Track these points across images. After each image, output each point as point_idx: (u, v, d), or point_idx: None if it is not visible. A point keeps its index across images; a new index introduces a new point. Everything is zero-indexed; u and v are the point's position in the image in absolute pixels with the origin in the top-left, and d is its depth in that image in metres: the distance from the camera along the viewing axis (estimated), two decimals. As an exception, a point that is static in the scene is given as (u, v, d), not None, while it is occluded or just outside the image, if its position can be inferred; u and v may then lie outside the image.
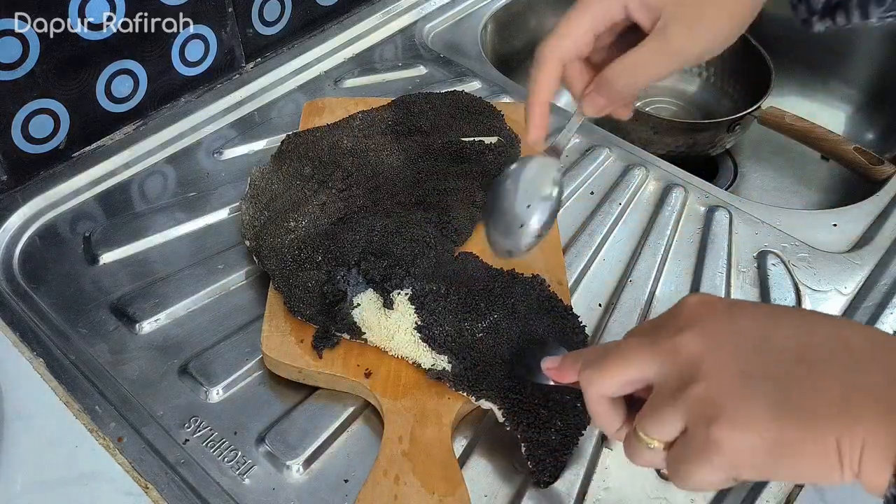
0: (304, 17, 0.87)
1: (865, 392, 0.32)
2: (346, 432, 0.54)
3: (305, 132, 0.72)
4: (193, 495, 0.50)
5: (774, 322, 0.36)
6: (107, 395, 0.55)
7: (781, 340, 0.34)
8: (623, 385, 0.38)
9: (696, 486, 0.36)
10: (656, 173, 0.74)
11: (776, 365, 0.34)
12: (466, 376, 0.52)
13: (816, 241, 0.68)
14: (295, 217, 0.62)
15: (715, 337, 0.36)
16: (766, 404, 0.33)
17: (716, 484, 0.35)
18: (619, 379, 0.38)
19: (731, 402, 0.33)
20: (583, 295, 0.63)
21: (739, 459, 0.33)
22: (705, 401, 0.34)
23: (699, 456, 0.34)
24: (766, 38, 0.95)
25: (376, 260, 0.57)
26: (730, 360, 0.34)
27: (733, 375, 0.34)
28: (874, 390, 0.32)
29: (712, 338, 0.36)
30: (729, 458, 0.33)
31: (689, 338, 0.36)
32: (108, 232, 0.67)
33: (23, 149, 0.68)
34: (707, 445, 0.34)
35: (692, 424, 0.35)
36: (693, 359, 0.35)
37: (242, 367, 0.57)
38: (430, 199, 0.64)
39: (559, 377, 0.44)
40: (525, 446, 0.50)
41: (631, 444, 0.38)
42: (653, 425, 0.36)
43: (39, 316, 0.61)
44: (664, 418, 0.36)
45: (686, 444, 0.35)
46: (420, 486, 0.48)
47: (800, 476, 0.33)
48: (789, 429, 0.32)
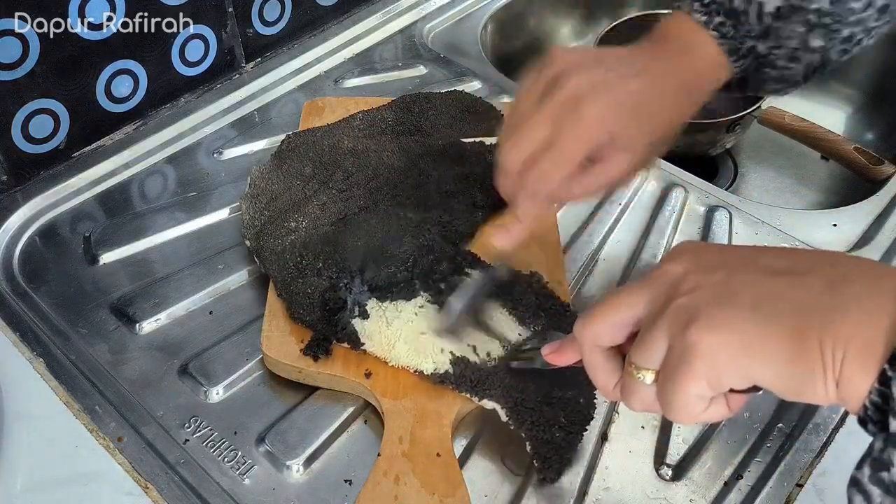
0: (304, 17, 0.87)
1: (850, 296, 0.31)
2: (346, 432, 0.54)
3: (305, 132, 0.72)
4: (193, 495, 0.50)
5: (761, 250, 0.36)
6: (107, 395, 0.55)
7: (767, 261, 0.35)
8: (614, 327, 0.38)
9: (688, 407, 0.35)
10: (656, 173, 0.74)
11: (760, 277, 0.34)
12: (468, 377, 0.52)
13: (816, 241, 0.68)
14: (295, 217, 0.62)
15: (699, 261, 0.36)
16: (744, 306, 0.33)
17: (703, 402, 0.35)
18: (610, 320, 0.38)
19: (708, 306, 0.33)
20: (583, 295, 0.63)
21: (717, 361, 0.33)
22: (685, 309, 0.34)
23: (679, 366, 0.34)
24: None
25: (377, 267, 0.57)
26: (712, 275, 0.34)
27: (714, 285, 0.34)
28: (858, 294, 0.31)
29: (696, 262, 0.36)
30: (704, 358, 0.33)
31: (673, 264, 0.36)
32: (108, 232, 0.67)
33: (23, 149, 0.68)
34: (685, 351, 0.33)
35: (672, 337, 0.34)
36: (676, 279, 0.35)
37: (242, 367, 0.57)
38: (430, 200, 0.64)
39: (560, 359, 0.43)
40: (530, 444, 0.50)
41: (625, 384, 0.38)
42: (638, 351, 0.36)
43: (39, 316, 0.61)
44: (649, 341, 0.35)
45: (668, 360, 0.35)
46: (420, 486, 0.48)
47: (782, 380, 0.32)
48: (767, 326, 0.32)
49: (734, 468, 0.52)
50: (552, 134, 0.45)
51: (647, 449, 0.53)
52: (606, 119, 0.45)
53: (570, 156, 0.45)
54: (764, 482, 0.51)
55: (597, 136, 0.45)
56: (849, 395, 0.31)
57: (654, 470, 0.52)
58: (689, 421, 0.36)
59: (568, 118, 0.45)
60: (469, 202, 0.64)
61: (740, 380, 0.33)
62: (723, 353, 0.32)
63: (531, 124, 0.46)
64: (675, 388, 0.34)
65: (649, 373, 0.36)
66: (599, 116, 0.44)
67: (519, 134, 0.46)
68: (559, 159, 0.45)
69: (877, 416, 0.30)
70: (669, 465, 0.52)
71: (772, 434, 0.54)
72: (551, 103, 0.45)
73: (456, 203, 0.64)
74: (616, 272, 0.65)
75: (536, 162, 0.46)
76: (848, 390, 0.31)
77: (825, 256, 0.34)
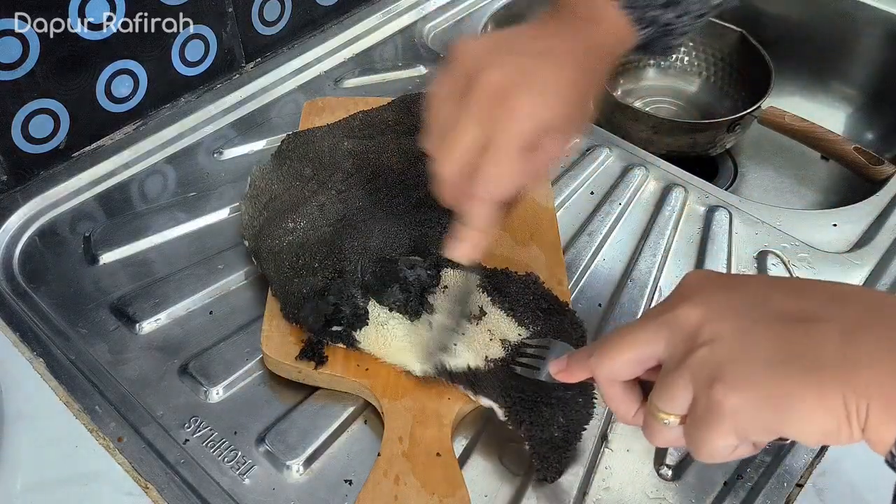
0: (304, 17, 0.87)
1: (867, 346, 0.32)
2: (346, 432, 0.54)
3: (305, 132, 0.72)
4: (193, 495, 0.50)
5: (771, 288, 0.36)
6: (107, 395, 0.55)
7: (779, 303, 0.35)
8: (632, 365, 0.38)
9: (715, 455, 0.35)
10: (656, 173, 0.74)
11: (774, 325, 0.34)
12: (465, 375, 0.52)
13: (816, 241, 0.68)
14: (293, 218, 0.62)
15: (714, 304, 0.36)
16: (764, 361, 0.33)
17: (731, 449, 0.35)
18: (626, 358, 0.38)
19: (730, 362, 0.34)
20: (583, 295, 0.63)
21: (742, 418, 0.33)
22: (707, 364, 0.34)
23: (706, 420, 0.34)
24: (766, 38, 0.95)
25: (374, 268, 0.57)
26: (729, 324, 0.35)
27: (733, 337, 0.34)
28: (876, 344, 0.32)
29: (712, 306, 0.36)
30: (731, 417, 0.33)
31: (690, 308, 0.36)
32: (108, 232, 0.67)
33: (23, 149, 0.68)
34: (710, 408, 0.34)
35: (697, 390, 0.35)
36: (694, 327, 0.36)
37: (242, 367, 0.57)
38: (429, 201, 0.64)
39: (569, 377, 0.43)
40: (529, 444, 0.50)
41: (648, 423, 0.38)
42: (663, 398, 0.36)
43: (39, 316, 0.61)
44: (672, 389, 0.36)
45: (694, 411, 0.35)
46: (420, 486, 0.48)
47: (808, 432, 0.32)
48: (788, 382, 0.32)
49: (734, 468, 0.52)
50: (485, 135, 0.44)
51: (647, 449, 0.53)
52: (536, 108, 0.44)
53: (512, 154, 0.44)
54: (764, 482, 0.51)
55: (530, 127, 0.44)
56: (874, 441, 0.31)
57: (654, 470, 0.52)
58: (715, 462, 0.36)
59: (498, 116, 0.43)
60: None
61: (766, 434, 0.34)
62: (748, 411, 0.33)
63: (460, 128, 0.44)
64: (704, 440, 0.35)
65: (673, 417, 0.37)
66: (528, 108, 0.43)
67: (450, 141, 0.45)
68: (502, 160, 0.44)
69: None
70: (669, 466, 0.52)
71: (772, 434, 0.54)
72: (475, 103, 0.44)
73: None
74: (616, 272, 0.65)
75: (479, 167, 0.44)
76: (873, 437, 0.31)
77: (835, 295, 0.35)
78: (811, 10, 0.99)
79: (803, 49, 1.00)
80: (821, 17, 0.98)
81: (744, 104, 0.96)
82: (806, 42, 1.00)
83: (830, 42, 0.99)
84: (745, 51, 0.96)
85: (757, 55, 0.93)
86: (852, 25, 0.96)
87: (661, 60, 1.04)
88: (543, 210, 0.67)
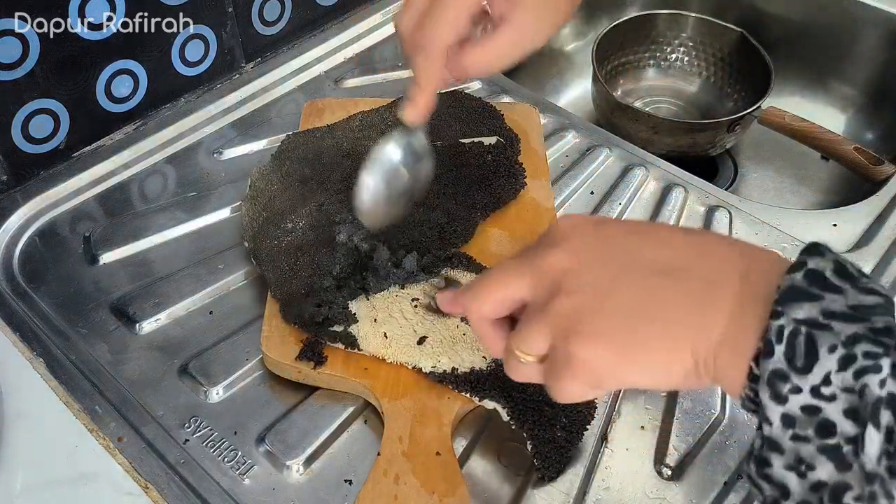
0: (304, 17, 0.87)
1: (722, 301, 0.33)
2: (346, 432, 0.54)
3: (305, 132, 0.72)
4: (193, 495, 0.50)
5: (640, 237, 0.37)
6: (107, 395, 0.55)
7: (645, 254, 0.36)
8: (499, 304, 0.40)
9: (570, 399, 0.37)
10: (656, 173, 0.74)
11: (636, 277, 0.35)
12: (468, 378, 0.52)
13: (816, 241, 0.68)
14: (292, 219, 0.62)
15: (582, 254, 0.37)
16: (620, 313, 0.34)
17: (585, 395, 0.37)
18: (493, 298, 0.40)
19: (587, 315, 0.35)
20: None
21: (594, 368, 0.35)
22: (566, 315, 0.36)
23: (562, 370, 0.36)
24: (766, 38, 0.95)
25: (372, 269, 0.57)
26: (593, 275, 0.36)
27: (594, 289, 0.36)
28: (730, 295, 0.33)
29: (579, 255, 0.37)
30: (584, 368, 0.35)
31: (558, 255, 0.37)
32: (108, 232, 0.67)
33: (23, 149, 0.68)
34: (566, 359, 0.35)
35: (555, 338, 0.36)
36: (559, 275, 0.37)
37: (242, 367, 0.57)
38: (428, 201, 0.64)
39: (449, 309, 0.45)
40: (531, 443, 0.50)
41: (508, 360, 0.40)
42: (523, 341, 0.38)
43: (39, 316, 0.61)
44: (531, 334, 0.37)
45: (552, 358, 0.37)
46: (420, 486, 0.48)
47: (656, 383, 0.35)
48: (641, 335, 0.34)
49: (734, 468, 0.52)
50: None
51: (647, 449, 0.53)
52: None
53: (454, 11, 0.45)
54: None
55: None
56: (726, 386, 0.33)
57: (654, 470, 0.52)
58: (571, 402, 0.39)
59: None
60: (467, 204, 0.64)
61: (617, 384, 0.36)
62: (600, 362, 0.35)
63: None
64: (558, 385, 0.37)
65: (532, 357, 0.38)
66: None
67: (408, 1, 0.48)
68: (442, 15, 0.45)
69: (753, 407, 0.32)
70: (669, 465, 0.52)
71: (772, 434, 0.54)
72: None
73: (453, 205, 0.64)
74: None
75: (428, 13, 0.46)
76: (724, 383, 0.33)
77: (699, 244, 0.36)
78: (811, 10, 0.99)
79: (803, 49, 1.00)
80: (821, 17, 0.98)
81: (744, 104, 0.96)
82: (806, 42, 1.00)
83: (830, 42, 0.99)
84: (745, 51, 0.96)
85: (757, 55, 0.93)
86: (852, 25, 0.96)
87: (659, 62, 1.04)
88: (543, 210, 0.67)
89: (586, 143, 0.77)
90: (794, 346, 0.29)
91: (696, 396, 0.56)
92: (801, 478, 0.29)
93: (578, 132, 0.79)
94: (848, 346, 0.28)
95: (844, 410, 0.28)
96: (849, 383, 0.28)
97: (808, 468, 0.29)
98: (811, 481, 0.29)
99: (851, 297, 0.30)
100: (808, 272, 0.31)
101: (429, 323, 0.55)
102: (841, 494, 0.28)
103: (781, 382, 0.29)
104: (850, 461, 0.28)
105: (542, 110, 0.80)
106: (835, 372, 0.28)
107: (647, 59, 1.04)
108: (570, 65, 1.09)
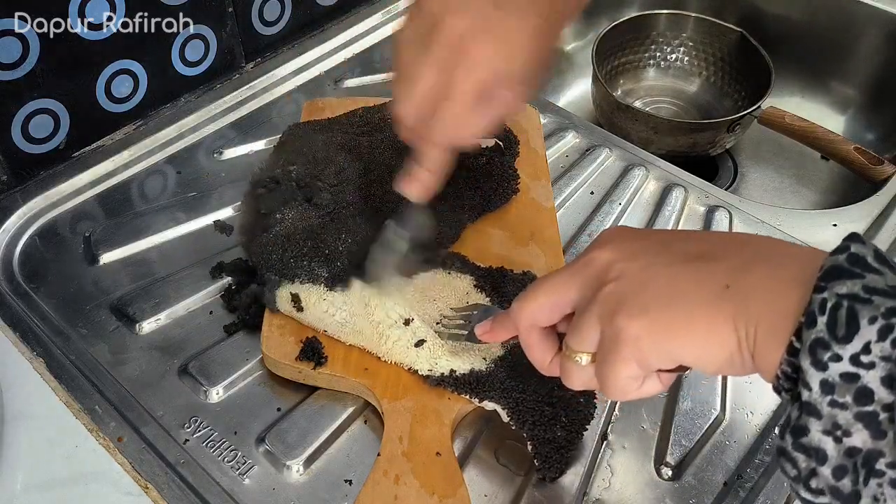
0: (304, 17, 0.87)
1: (755, 280, 0.34)
2: (346, 432, 0.54)
3: (305, 124, 0.72)
4: (193, 495, 0.50)
5: (676, 236, 0.40)
6: (107, 395, 0.55)
7: (681, 246, 0.38)
8: (550, 309, 0.41)
9: (624, 388, 0.38)
10: (656, 173, 0.74)
11: (675, 263, 0.37)
12: (468, 380, 0.52)
13: (816, 241, 0.68)
14: (282, 210, 0.61)
15: (623, 248, 0.39)
16: (663, 293, 0.36)
17: (637, 381, 0.38)
18: (544, 302, 0.41)
19: (630, 296, 0.36)
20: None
21: (642, 345, 0.36)
22: (611, 298, 0.37)
23: (610, 351, 0.37)
24: (766, 38, 0.95)
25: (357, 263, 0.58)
26: (635, 264, 0.38)
27: (636, 274, 0.37)
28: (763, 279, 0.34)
29: (621, 249, 0.39)
30: (632, 344, 0.36)
31: (601, 252, 0.39)
32: (108, 232, 0.67)
33: (23, 149, 0.68)
34: (613, 337, 0.36)
35: (603, 323, 0.37)
36: (604, 268, 0.38)
37: (242, 367, 0.57)
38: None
39: (493, 338, 0.47)
40: (531, 444, 0.50)
41: (563, 365, 0.41)
42: (574, 336, 0.39)
43: (39, 316, 0.61)
44: (582, 326, 0.38)
45: (602, 348, 0.38)
46: (420, 486, 0.48)
47: (702, 359, 0.35)
48: (683, 311, 0.35)
49: (734, 468, 0.52)
50: (444, 81, 0.45)
51: (647, 449, 0.53)
52: (495, 57, 0.45)
53: (468, 101, 0.45)
54: (764, 482, 0.51)
55: (488, 76, 0.45)
56: (763, 366, 0.34)
57: (655, 470, 0.52)
58: (625, 398, 0.39)
59: (457, 62, 0.45)
60: (457, 205, 0.64)
61: (665, 361, 0.36)
62: (646, 338, 0.36)
63: (421, 73, 0.46)
64: (609, 371, 0.37)
65: (585, 355, 0.39)
66: (488, 56, 0.45)
67: (411, 84, 0.46)
68: (458, 107, 0.46)
69: (788, 385, 0.33)
70: (669, 465, 0.52)
71: (772, 434, 0.54)
72: (437, 48, 0.45)
73: (442, 205, 0.64)
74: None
75: (436, 113, 0.46)
76: (762, 362, 0.33)
77: (736, 238, 0.38)
78: (811, 10, 0.99)
79: (803, 49, 1.00)
80: (821, 17, 0.98)
81: (744, 104, 0.96)
82: (806, 42, 1.00)
83: (830, 42, 0.99)
84: (745, 51, 0.96)
85: (757, 55, 0.93)
86: (852, 25, 0.96)
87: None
88: (543, 209, 0.67)
89: (586, 144, 0.77)
90: (835, 317, 0.30)
91: (696, 396, 0.56)
92: (837, 443, 0.30)
93: (578, 132, 0.79)
94: (888, 318, 0.29)
95: (882, 378, 0.29)
96: (887, 352, 0.29)
97: (844, 434, 0.30)
98: (846, 446, 0.30)
99: (891, 279, 0.31)
100: (851, 255, 0.32)
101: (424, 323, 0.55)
102: (874, 461, 0.29)
103: (822, 350, 0.30)
104: (886, 428, 0.29)
105: (542, 110, 0.80)
106: (874, 341, 0.29)
107: (646, 59, 1.04)
108: (570, 65, 1.09)
